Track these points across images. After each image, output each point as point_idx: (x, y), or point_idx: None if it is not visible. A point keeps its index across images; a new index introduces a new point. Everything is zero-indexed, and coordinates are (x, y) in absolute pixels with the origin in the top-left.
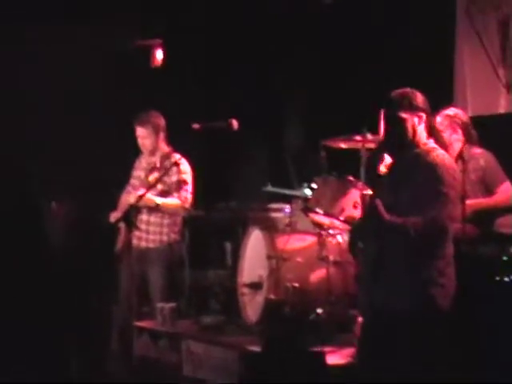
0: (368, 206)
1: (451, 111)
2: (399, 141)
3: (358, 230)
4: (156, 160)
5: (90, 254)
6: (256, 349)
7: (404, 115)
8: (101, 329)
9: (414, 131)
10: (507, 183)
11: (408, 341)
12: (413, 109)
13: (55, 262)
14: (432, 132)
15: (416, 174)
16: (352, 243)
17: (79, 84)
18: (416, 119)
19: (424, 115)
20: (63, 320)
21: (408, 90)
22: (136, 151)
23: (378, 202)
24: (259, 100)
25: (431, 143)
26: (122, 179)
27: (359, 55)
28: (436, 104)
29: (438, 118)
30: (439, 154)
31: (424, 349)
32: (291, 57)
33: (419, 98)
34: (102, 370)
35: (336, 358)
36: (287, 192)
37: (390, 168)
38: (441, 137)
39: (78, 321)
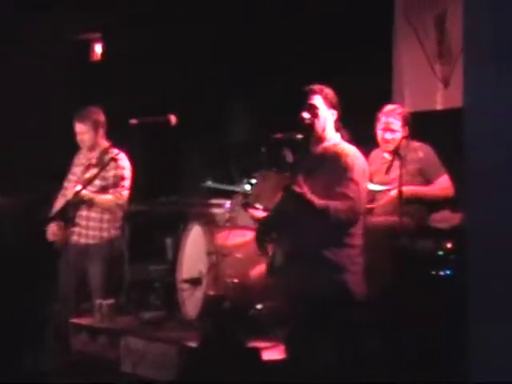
0: (287, 191)
1: (401, 109)
2: (312, 128)
3: (269, 223)
4: (94, 156)
5: (29, 250)
6: (195, 344)
7: (319, 105)
8: (39, 326)
9: (325, 125)
10: (446, 176)
11: (326, 326)
12: (327, 103)
13: None
14: (339, 130)
15: (324, 166)
16: (261, 238)
17: (15, 79)
18: (329, 114)
19: (336, 113)
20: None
21: (325, 87)
22: (76, 146)
23: (301, 183)
24: (200, 95)
25: (338, 138)
26: (62, 174)
27: (299, 52)
28: (375, 100)
29: (390, 118)
30: (346, 147)
31: (341, 332)
32: (234, 52)
33: (334, 97)
34: (38, 367)
35: (274, 353)
36: (227, 187)
37: (302, 160)
38: (347, 135)
39: (14, 318)
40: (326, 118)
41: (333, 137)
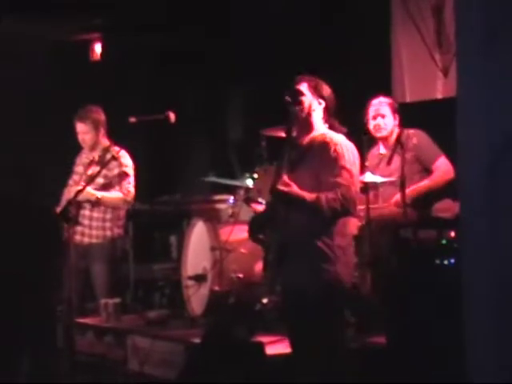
0: (274, 192)
1: (388, 99)
2: (296, 116)
3: (259, 220)
4: (96, 154)
5: (33, 250)
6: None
7: (305, 91)
8: (45, 327)
9: (310, 113)
10: (442, 157)
11: (319, 318)
12: (316, 92)
13: None
14: (330, 121)
15: (312, 156)
16: (253, 231)
17: (15, 77)
18: (315, 102)
19: (324, 103)
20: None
21: (317, 78)
22: (77, 146)
23: (286, 181)
24: (199, 91)
25: (326, 128)
26: (63, 175)
27: (294, 46)
28: (375, 90)
29: (379, 106)
30: (334, 136)
31: (336, 322)
32: (231, 48)
33: (325, 88)
34: (47, 369)
35: (280, 347)
36: (229, 182)
37: (289, 150)
38: (338, 127)
39: (20, 320)
40: (311, 105)
41: (320, 127)
